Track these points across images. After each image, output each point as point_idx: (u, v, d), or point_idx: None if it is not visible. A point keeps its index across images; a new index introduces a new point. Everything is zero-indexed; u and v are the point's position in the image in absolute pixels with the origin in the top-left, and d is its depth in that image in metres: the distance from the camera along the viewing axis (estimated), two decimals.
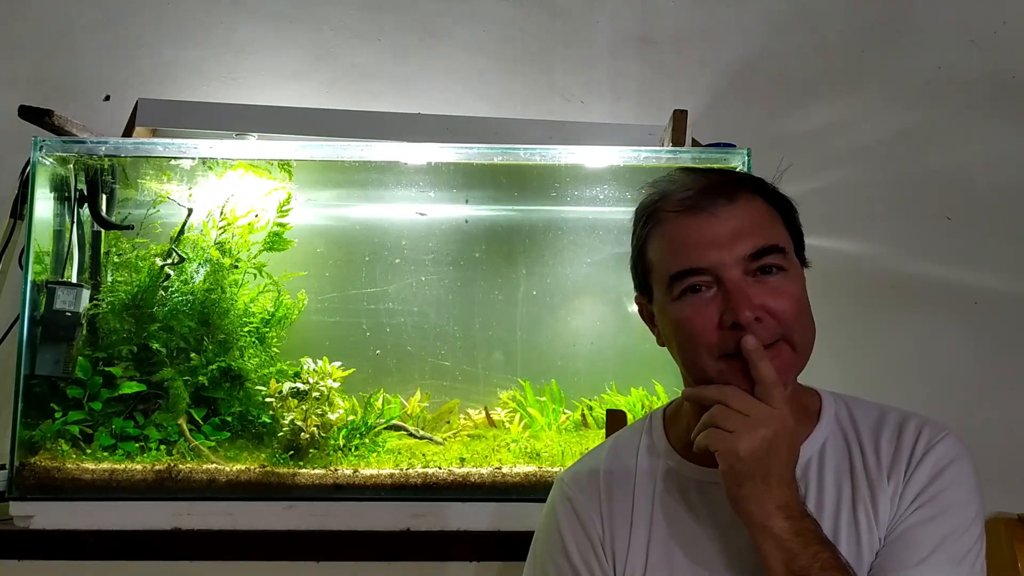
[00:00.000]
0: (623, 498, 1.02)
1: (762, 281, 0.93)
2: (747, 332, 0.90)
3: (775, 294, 0.92)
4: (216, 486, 1.53)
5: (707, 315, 0.92)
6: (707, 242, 0.93)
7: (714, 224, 0.94)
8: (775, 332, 0.92)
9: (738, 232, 0.93)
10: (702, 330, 0.92)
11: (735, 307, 0.90)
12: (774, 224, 0.97)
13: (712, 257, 0.92)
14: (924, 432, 0.96)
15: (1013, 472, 1.80)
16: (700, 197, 0.95)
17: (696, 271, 0.93)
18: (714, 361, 0.92)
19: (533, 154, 1.67)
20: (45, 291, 1.59)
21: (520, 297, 1.84)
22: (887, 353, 1.87)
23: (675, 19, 1.99)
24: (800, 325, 0.94)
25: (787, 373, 0.93)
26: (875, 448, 0.97)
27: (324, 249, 1.82)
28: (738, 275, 0.92)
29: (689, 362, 0.96)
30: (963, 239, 1.91)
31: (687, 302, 0.94)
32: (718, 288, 0.92)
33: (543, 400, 1.74)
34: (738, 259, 0.92)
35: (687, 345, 0.95)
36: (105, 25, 1.95)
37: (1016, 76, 1.96)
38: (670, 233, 0.97)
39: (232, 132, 1.70)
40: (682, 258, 0.94)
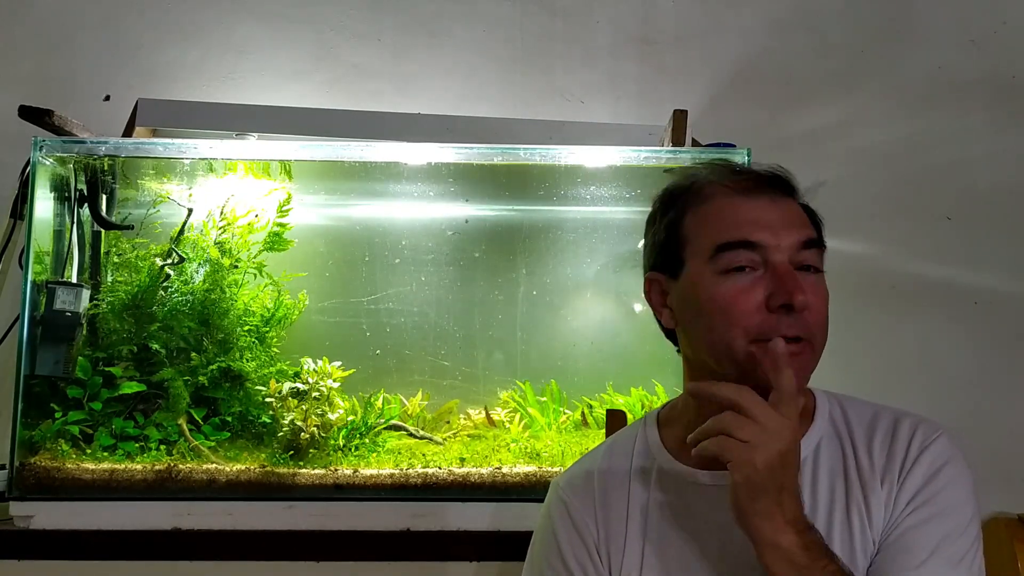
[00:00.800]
0: (618, 500, 1.01)
1: (804, 276, 0.93)
2: (793, 316, 0.89)
3: (813, 291, 0.92)
4: (216, 486, 1.53)
5: (752, 295, 0.91)
6: (762, 222, 0.93)
7: (770, 208, 0.94)
8: (808, 329, 0.91)
9: (791, 221, 0.94)
10: (744, 309, 0.91)
11: (791, 289, 0.89)
12: (814, 225, 0.99)
13: (766, 237, 0.92)
14: (918, 432, 0.96)
15: (1013, 472, 1.80)
16: (761, 180, 0.97)
17: (748, 244, 0.92)
18: (746, 343, 0.91)
19: (533, 154, 1.67)
20: (45, 291, 1.59)
21: (520, 297, 1.84)
22: (887, 353, 1.87)
23: (675, 19, 1.99)
24: (823, 329, 0.94)
25: (804, 375, 0.93)
26: (868, 449, 0.96)
27: (324, 249, 1.82)
28: (788, 260, 0.92)
29: (717, 340, 0.93)
30: (963, 239, 1.91)
31: (731, 279, 0.92)
32: (764, 271, 0.92)
33: (543, 400, 1.74)
34: (788, 246, 0.92)
35: (721, 323, 0.92)
36: (105, 25, 1.95)
37: (1016, 76, 1.96)
38: (722, 207, 0.96)
39: (232, 132, 1.70)
40: (735, 230, 0.93)
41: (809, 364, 0.93)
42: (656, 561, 0.97)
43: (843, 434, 0.99)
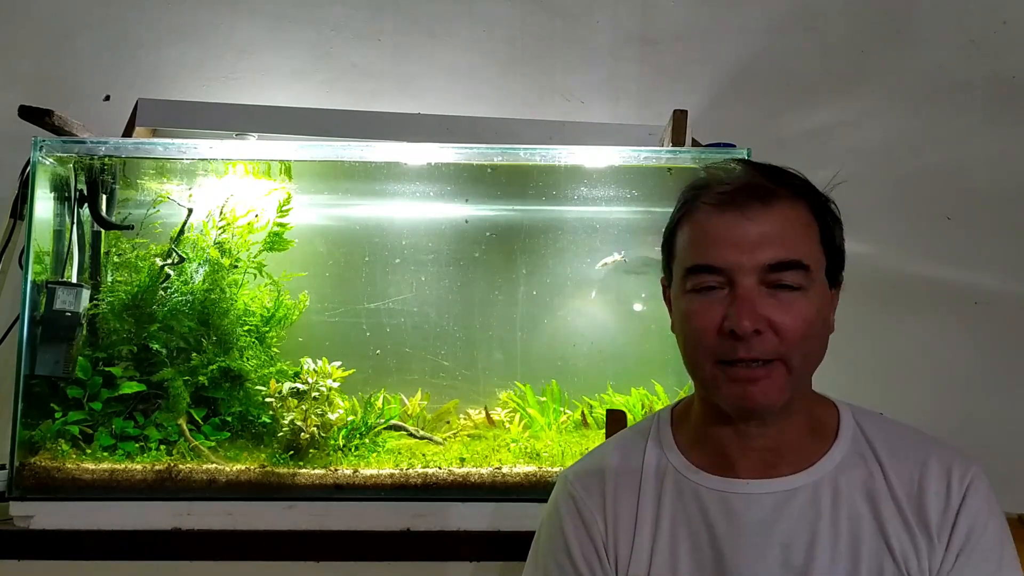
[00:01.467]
0: (628, 499, 1.00)
1: (775, 295, 0.90)
2: (750, 340, 0.88)
3: (784, 311, 0.90)
4: (216, 486, 1.53)
5: (711, 316, 0.91)
6: (730, 242, 0.91)
7: (742, 225, 0.91)
8: (774, 349, 0.89)
9: (763, 238, 0.91)
10: (703, 330, 0.91)
11: (736, 315, 0.88)
12: (806, 237, 0.94)
13: (730, 258, 0.90)
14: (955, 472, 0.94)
15: (1013, 472, 1.80)
16: (736, 194, 0.93)
17: (710, 269, 0.91)
18: (710, 364, 0.92)
19: (533, 154, 1.67)
20: (45, 291, 1.59)
21: (520, 297, 1.84)
22: (887, 353, 1.87)
23: (675, 19, 1.99)
24: (802, 347, 0.91)
25: (777, 396, 0.91)
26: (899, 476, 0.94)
27: (324, 249, 1.82)
28: (751, 283, 0.90)
29: (688, 357, 0.96)
30: (963, 239, 1.91)
31: (696, 298, 0.93)
32: (729, 291, 0.91)
33: (543, 400, 1.74)
34: (756, 266, 0.90)
35: (688, 342, 0.94)
36: (105, 25, 1.95)
37: (1016, 76, 1.96)
38: (698, 225, 0.95)
39: (232, 132, 1.70)
40: (700, 253, 0.93)
41: (781, 385, 0.91)
42: (665, 565, 0.96)
43: (867, 455, 0.97)
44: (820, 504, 0.93)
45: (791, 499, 0.93)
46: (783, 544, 0.92)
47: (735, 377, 0.91)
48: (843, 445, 0.97)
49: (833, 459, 0.96)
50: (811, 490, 0.94)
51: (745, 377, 0.90)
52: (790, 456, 0.96)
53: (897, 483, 0.94)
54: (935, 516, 0.91)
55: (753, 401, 0.91)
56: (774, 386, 0.91)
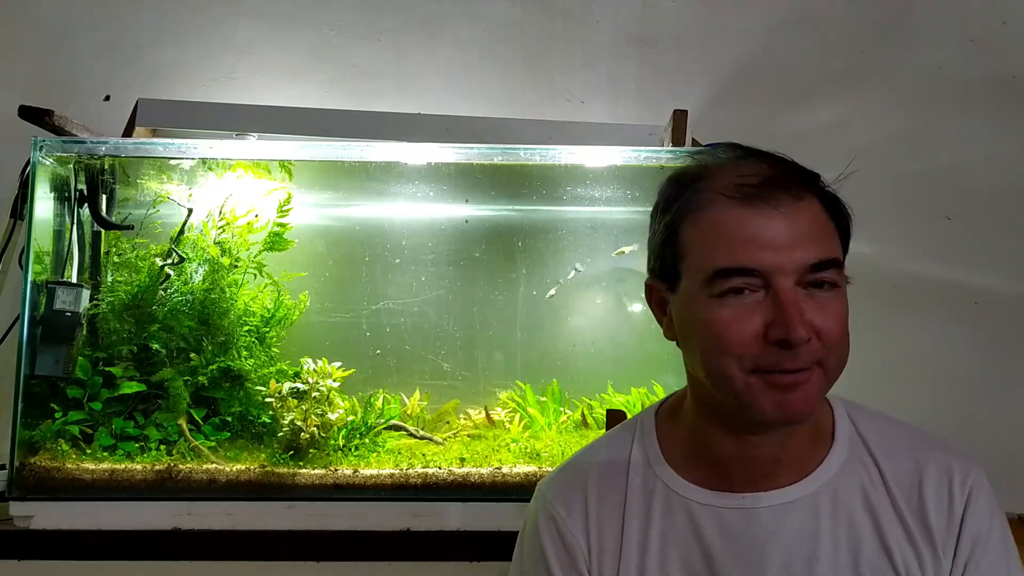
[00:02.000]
0: (613, 519, 0.94)
1: (813, 296, 0.84)
2: (796, 349, 0.81)
3: (825, 313, 0.83)
4: (216, 486, 1.53)
5: (749, 323, 0.82)
6: (764, 241, 0.82)
7: (776, 222, 0.83)
8: (816, 355, 0.83)
9: (801, 237, 0.83)
10: (739, 338, 0.82)
11: (788, 323, 0.80)
12: (834, 233, 0.89)
13: (768, 259, 0.82)
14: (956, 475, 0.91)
15: (1013, 472, 1.80)
16: (763, 187, 0.84)
17: (747, 271, 0.82)
18: (743, 373, 0.83)
19: (533, 154, 1.67)
20: (45, 291, 1.59)
21: (520, 297, 1.84)
22: (887, 353, 1.87)
23: (675, 19, 1.99)
24: (839, 350, 0.86)
25: (814, 402, 0.85)
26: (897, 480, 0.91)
27: (324, 249, 1.82)
28: (791, 285, 0.82)
29: (713, 368, 0.85)
30: (963, 239, 1.91)
31: (727, 303, 0.83)
32: (766, 294, 0.82)
33: (543, 400, 1.74)
34: (797, 267, 0.82)
35: (715, 349, 0.84)
36: (105, 25, 1.95)
37: (1016, 76, 1.96)
38: (721, 221, 0.84)
39: (232, 132, 1.70)
40: (733, 254, 0.83)
41: (820, 389, 0.85)
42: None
43: (864, 458, 0.93)
44: (819, 515, 0.89)
45: (789, 512, 0.89)
46: (783, 561, 0.87)
47: (775, 384, 0.83)
48: (841, 449, 0.93)
49: (832, 465, 0.91)
50: (810, 501, 0.89)
51: (787, 384, 0.83)
52: (791, 465, 0.91)
53: (896, 488, 0.90)
54: (938, 525, 0.88)
55: (792, 409, 0.83)
56: (813, 392, 0.84)
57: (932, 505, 0.89)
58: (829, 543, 0.88)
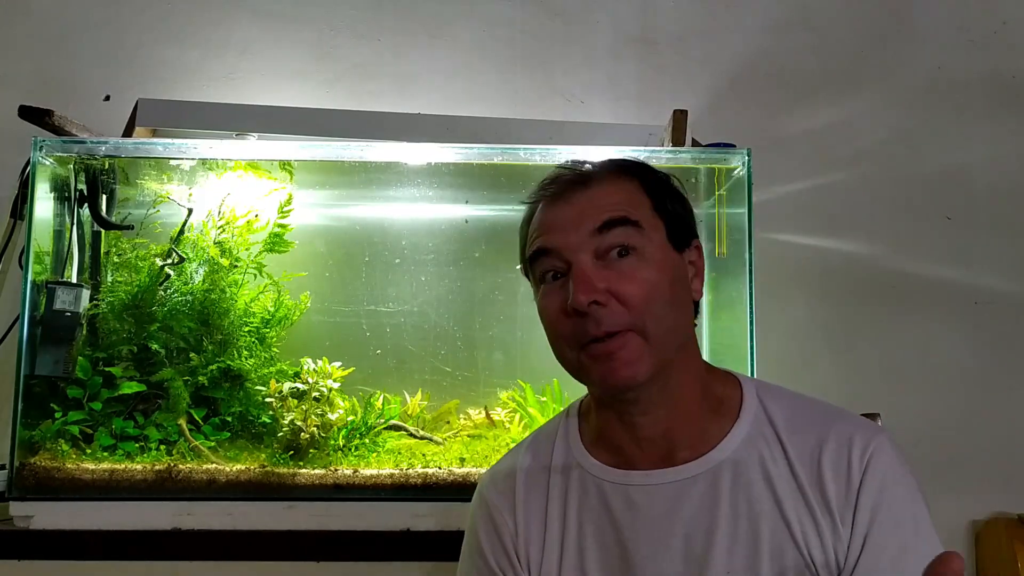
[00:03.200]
0: (537, 498, 0.99)
1: (611, 265, 0.89)
2: (596, 316, 0.87)
3: (624, 278, 0.88)
4: (216, 486, 1.52)
5: (559, 302, 0.91)
6: (556, 225, 0.92)
7: (565, 209, 0.93)
8: (623, 320, 0.87)
9: (587, 213, 0.91)
10: (555, 319, 0.91)
11: (573, 291, 0.87)
12: (631, 203, 0.93)
13: (558, 239, 0.91)
14: (856, 444, 0.90)
15: (1013, 472, 1.80)
16: (558, 187, 0.95)
17: (545, 252, 0.92)
18: (575, 352, 0.91)
19: (533, 154, 1.67)
20: (45, 291, 1.59)
21: (520, 297, 1.84)
22: (887, 353, 1.87)
23: (675, 19, 1.99)
24: (653, 313, 0.88)
25: (638, 366, 0.88)
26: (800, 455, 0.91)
27: (324, 249, 1.82)
28: (587, 259, 0.89)
29: (555, 352, 0.95)
30: (963, 239, 1.91)
31: (545, 290, 0.93)
32: (568, 274, 0.91)
33: (543, 400, 1.74)
34: (584, 237, 0.90)
35: (550, 336, 0.94)
36: (105, 25, 1.95)
37: (1016, 76, 1.97)
38: (535, 223, 0.97)
39: (232, 132, 1.70)
40: (535, 242, 0.94)
41: (641, 353, 0.88)
42: (575, 561, 0.95)
43: (768, 435, 0.93)
44: (719, 489, 0.90)
45: (690, 487, 0.91)
46: (685, 534, 0.90)
47: (594, 355, 0.89)
48: (744, 426, 0.94)
49: (733, 441, 0.93)
50: (710, 476, 0.91)
51: (602, 352, 0.88)
52: (686, 441, 0.94)
53: (797, 463, 0.90)
54: (836, 497, 0.87)
55: (616, 376, 0.88)
56: (633, 356, 0.88)
57: (830, 475, 0.88)
58: (729, 516, 0.89)
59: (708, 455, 0.93)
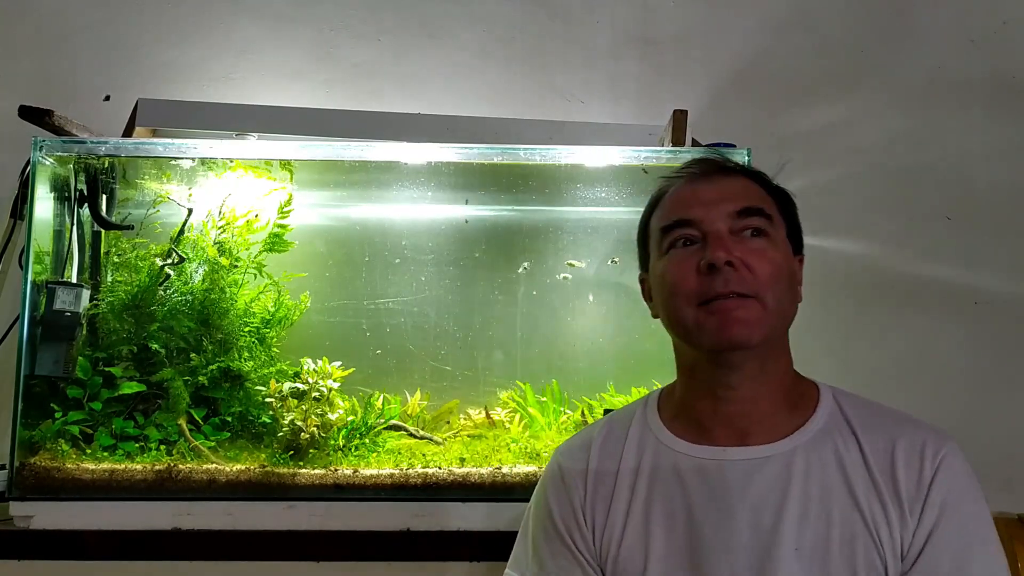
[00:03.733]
0: (610, 464, 1.06)
1: (743, 241, 0.99)
2: (725, 275, 0.96)
3: (755, 253, 0.98)
4: (216, 486, 1.53)
5: (688, 264, 0.99)
6: (698, 200, 1.02)
7: (708, 188, 1.04)
8: (749, 286, 0.97)
9: (727, 194, 1.02)
10: (682, 278, 0.99)
11: (711, 250, 0.97)
12: (765, 199, 1.05)
13: (699, 212, 1.01)
14: (928, 449, 0.98)
15: (1013, 472, 1.80)
16: (701, 168, 1.07)
17: (683, 223, 1.01)
18: (692, 309, 0.99)
19: (533, 154, 1.67)
20: (45, 291, 1.59)
21: (520, 297, 1.84)
22: (887, 353, 1.87)
23: (675, 19, 1.99)
24: (774, 289, 0.98)
25: (753, 329, 0.97)
26: (874, 452, 0.98)
27: (324, 249, 1.82)
28: (723, 229, 1.00)
29: (671, 312, 1.02)
30: (963, 239, 1.91)
31: (673, 255, 1.02)
32: (703, 243, 1.00)
33: (543, 400, 1.74)
34: (723, 215, 1.00)
35: (669, 295, 1.01)
36: (105, 25, 1.95)
37: (1016, 76, 1.96)
38: (673, 197, 1.06)
39: (232, 132, 1.70)
40: (673, 212, 1.03)
41: (757, 318, 0.97)
42: (639, 530, 1.00)
43: (843, 430, 1.01)
44: (792, 471, 0.97)
45: (764, 466, 0.98)
46: (754, 507, 0.96)
47: (715, 311, 0.97)
48: (819, 420, 1.02)
49: (808, 432, 1.00)
50: (784, 459, 0.98)
51: (723, 308, 0.96)
52: (764, 426, 1.01)
53: (871, 455, 0.97)
54: (906, 489, 0.94)
55: (732, 331, 0.96)
56: (752, 318, 0.97)
57: (902, 468, 0.95)
58: (800, 496, 0.95)
59: (783, 440, 1.00)
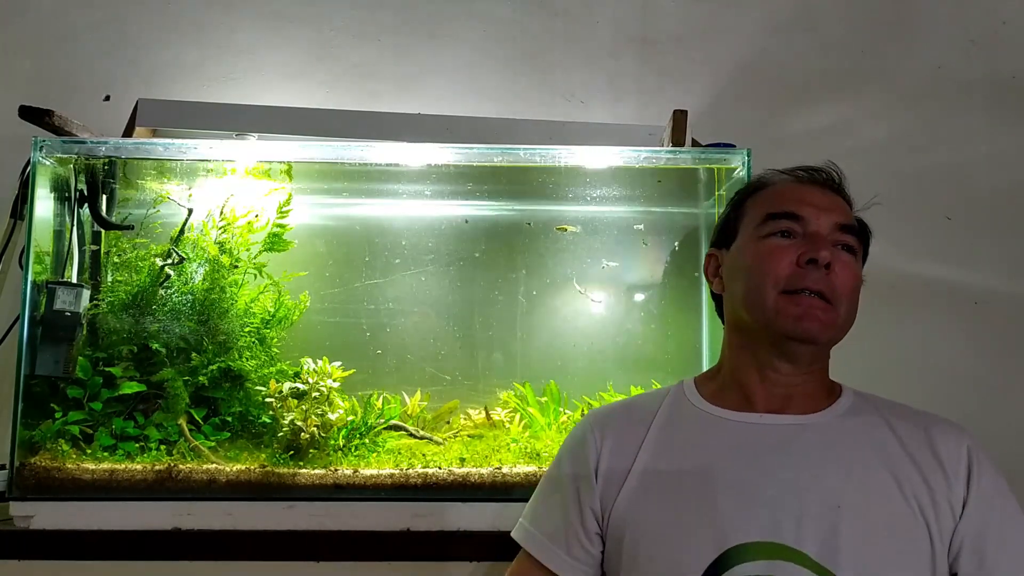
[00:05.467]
0: (638, 427, 1.12)
1: (838, 252, 1.07)
2: (819, 272, 1.03)
3: (845, 266, 1.06)
4: (216, 486, 1.53)
5: (787, 254, 1.06)
6: (808, 201, 1.10)
7: (819, 194, 1.12)
8: (833, 293, 1.04)
9: (834, 207, 1.10)
10: (777, 263, 1.05)
11: (817, 246, 1.04)
12: (855, 224, 1.14)
13: (809, 212, 1.08)
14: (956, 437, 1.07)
15: (1013, 472, 1.80)
16: (814, 173, 1.15)
17: (793, 216, 1.08)
18: (775, 293, 1.05)
19: (533, 154, 1.67)
20: (45, 291, 1.59)
21: (520, 297, 1.84)
22: (887, 353, 1.87)
23: (675, 19, 1.99)
24: (849, 302, 1.07)
25: (826, 330, 1.05)
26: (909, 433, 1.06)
27: (324, 249, 1.82)
28: (825, 232, 1.07)
29: (752, 290, 1.07)
30: (963, 239, 1.91)
31: (773, 240, 1.08)
32: (803, 239, 1.07)
33: (543, 400, 1.74)
34: (829, 223, 1.08)
35: (758, 275, 1.07)
36: (105, 25, 1.95)
37: (1016, 76, 1.97)
38: (780, 189, 1.14)
39: (232, 132, 1.70)
40: (784, 203, 1.10)
41: (831, 322, 1.05)
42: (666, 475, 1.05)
43: (871, 410, 1.10)
44: (829, 437, 1.05)
45: (801, 432, 1.06)
46: (794, 465, 1.02)
47: (798, 301, 1.04)
48: (846, 400, 1.11)
49: (840, 407, 1.10)
50: (820, 428, 1.06)
51: (808, 303, 1.04)
52: (800, 402, 1.09)
53: (905, 436, 1.05)
54: (948, 460, 1.02)
55: (807, 324, 1.03)
56: (827, 320, 1.04)
57: (940, 442, 1.04)
58: (838, 459, 1.02)
59: (818, 413, 1.09)
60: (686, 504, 1.01)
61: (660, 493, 1.04)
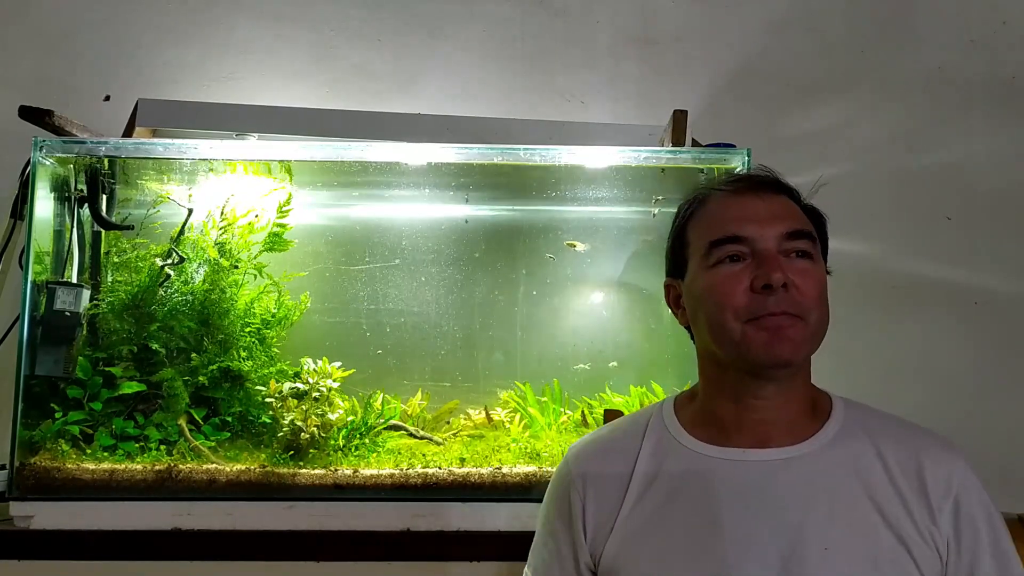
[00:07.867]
0: (622, 471, 1.07)
1: (792, 261, 1.00)
2: (778, 295, 0.97)
3: (802, 274, 1.00)
4: (216, 486, 1.53)
5: (740, 281, 0.99)
6: (749, 217, 1.02)
7: (758, 204, 1.03)
8: (798, 307, 0.98)
9: (777, 214, 1.03)
10: (731, 293, 0.99)
11: (768, 270, 0.98)
12: (807, 221, 1.06)
13: (751, 229, 1.01)
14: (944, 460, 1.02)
15: (1013, 472, 1.80)
16: (748, 181, 1.07)
17: (736, 239, 1.01)
18: (739, 324, 0.99)
19: (533, 154, 1.67)
20: (45, 291, 1.59)
21: (520, 297, 1.84)
22: (887, 353, 1.87)
23: (675, 19, 1.99)
24: (818, 310, 1.00)
25: (799, 348, 0.99)
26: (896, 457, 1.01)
27: (324, 249, 1.82)
28: (773, 248, 1.00)
29: (714, 324, 1.01)
30: (963, 239, 1.91)
31: (722, 269, 1.01)
32: (752, 259, 1.00)
33: (543, 400, 1.74)
34: (775, 235, 1.01)
35: (715, 308, 1.01)
36: (105, 25, 1.95)
37: (1016, 76, 1.97)
38: (716, 209, 1.06)
39: (232, 132, 1.70)
40: (724, 227, 1.02)
41: (804, 338, 0.99)
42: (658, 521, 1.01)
43: (860, 433, 1.03)
44: (814, 472, 1.00)
45: (785, 468, 1.00)
46: (778, 505, 0.98)
47: (765, 327, 0.98)
48: (835, 425, 1.04)
49: (826, 435, 1.03)
50: (805, 460, 1.01)
51: (774, 326, 0.98)
52: (783, 431, 1.03)
53: (894, 466, 1.00)
54: (934, 491, 0.98)
55: (779, 349, 0.98)
56: (799, 338, 0.99)
57: (928, 469, 1.00)
58: (824, 497, 0.98)
59: (802, 444, 1.02)
60: (674, 549, 0.99)
61: (647, 537, 1.02)
